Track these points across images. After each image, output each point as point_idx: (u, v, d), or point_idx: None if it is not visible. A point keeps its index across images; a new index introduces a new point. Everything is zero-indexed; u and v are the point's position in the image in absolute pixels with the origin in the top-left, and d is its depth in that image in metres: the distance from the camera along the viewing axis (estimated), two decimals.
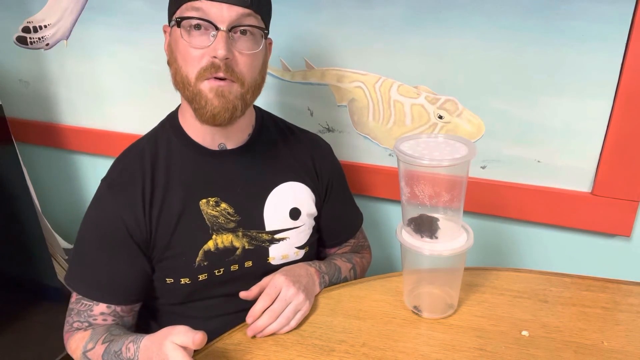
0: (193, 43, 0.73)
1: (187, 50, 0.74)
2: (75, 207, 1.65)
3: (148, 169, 0.82)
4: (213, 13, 0.71)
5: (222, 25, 0.71)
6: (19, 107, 1.57)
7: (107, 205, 0.81)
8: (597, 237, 1.09)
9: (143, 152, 0.85)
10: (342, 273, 0.94)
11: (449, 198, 0.76)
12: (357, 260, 1.00)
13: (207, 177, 0.84)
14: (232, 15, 0.72)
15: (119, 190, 0.81)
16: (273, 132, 0.92)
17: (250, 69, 0.77)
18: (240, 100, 0.77)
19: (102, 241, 0.81)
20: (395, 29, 1.05)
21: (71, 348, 0.81)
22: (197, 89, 0.75)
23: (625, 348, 0.73)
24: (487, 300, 0.85)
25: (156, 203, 0.81)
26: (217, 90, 0.74)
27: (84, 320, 0.81)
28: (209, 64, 0.73)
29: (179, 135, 0.85)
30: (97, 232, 0.82)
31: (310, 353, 0.75)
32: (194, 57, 0.74)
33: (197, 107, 0.77)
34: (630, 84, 0.92)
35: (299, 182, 0.91)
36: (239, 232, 0.85)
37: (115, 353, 0.73)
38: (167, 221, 0.82)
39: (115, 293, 0.82)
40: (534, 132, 1.03)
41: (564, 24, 0.93)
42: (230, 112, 0.76)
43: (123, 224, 0.79)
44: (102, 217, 0.81)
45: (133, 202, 0.80)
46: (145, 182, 0.81)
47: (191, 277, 0.83)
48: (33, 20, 1.41)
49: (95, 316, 0.81)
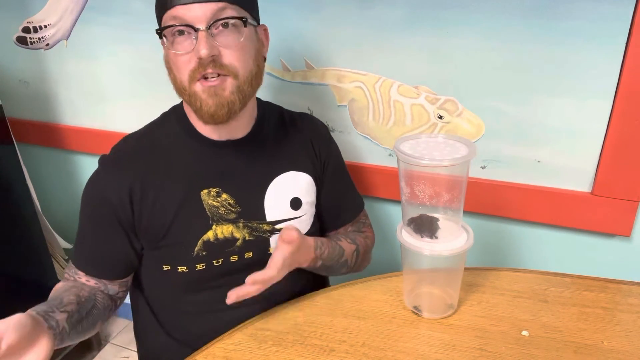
0: (178, 49, 0.75)
1: (175, 58, 0.76)
2: (75, 207, 1.64)
3: (146, 155, 0.84)
4: (188, 16, 0.73)
5: (199, 25, 0.73)
6: (19, 107, 1.57)
7: (96, 182, 0.84)
8: (597, 237, 1.09)
9: (144, 138, 0.87)
10: (343, 256, 0.93)
11: (449, 198, 0.76)
12: (360, 240, 0.99)
13: (209, 168, 0.85)
14: (207, 12, 0.73)
15: (110, 169, 0.84)
16: (275, 122, 0.93)
17: (241, 60, 0.77)
18: (237, 94, 0.77)
19: (90, 217, 0.85)
20: (395, 29, 1.05)
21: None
22: (191, 91, 0.76)
23: (625, 348, 0.73)
24: (487, 300, 0.85)
25: (150, 188, 0.82)
26: (209, 90, 0.76)
27: (71, 276, 0.86)
28: (196, 64, 0.74)
29: (183, 125, 0.86)
30: (86, 209, 0.86)
31: (310, 353, 0.75)
32: (183, 62, 0.75)
33: (196, 110, 0.78)
34: (630, 84, 0.92)
35: (300, 172, 0.91)
36: (239, 223, 0.86)
37: None
38: (166, 209, 0.82)
39: (96, 267, 0.85)
40: (534, 132, 1.03)
41: (564, 24, 0.93)
42: (227, 108, 0.77)
43: (108, 202, 0.82)
44: (90, 195, 0.85)
45: (121, 182, 0.82)
46: (139, 167, 0.83)
47: (189, 265, 0.84)
48: (33, 21, 1.41)
49: (80, 276, 0.85)
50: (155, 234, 0.83)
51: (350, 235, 0.98)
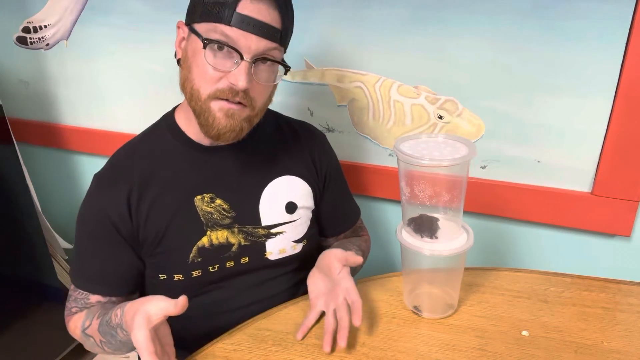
0: (215, 64, 0.72)
1: (206, 69, 0.73)
2: (75, 207, 1.63)
3: (139, 165, 0.83)
4: (242, 43, 0.71)
5: (247, 55, 0.71)
6: (19, 107, 1.57)
7: (94, 200, 0.83)
8: (597, 237, 1.09)
9: (134, 148, 0.85)
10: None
11: (449, 198, 0.76)
12: (364, 245, 1.00)
13: (202, 173, 0.85)
14: (260, 47, 0.72)
15: (105, 185, 0.83)
16: (269, 127, 0.92)
17: (263, 97, 0.78)
18: (247, 122, 0.78)
19: (91, 235, 0.83)
20: (395, 29, 1.05)
21: (71, 329, 0.84)
22: (206, 105, 0.75)
23: (625, 348, 0.73)
24: (487, 300, 0.85)
25: (147, 198, 0.82)
26: (228, 111, 0.75)
27: (82, 306, 0.84)
28: (227, 87, 0.73)
29: (174, 132, 0.85)
30: (86, 227, 0.84)
31: (310, 353, 0.75)
32: (212, 77, 0.73)
33: (203, 123, 0.77)
34: (630, 84, 0.92)
35: (294, 176, 0.91)
36: (234, 228, 0.85)
37: (107, 322, 0.75)
38: (160, 217, 0.82)
39: (108, 285, 0.83)
40: (534, 132, 1.03)
41: (564, 24, 0.93)
42: (237, 133, 0.77)
43: (108, 218, 0.80)
44: (89, 212, 0.83)
45: (118, 197, 0.81)
46: (134, 178, 0.82)
47: (184, 273, 0.83)
48: (33, 20, 1.41)
49: (92, 303, 0.83)
50: (150, 242, 0.82)
51: (354, 242, 0.99)
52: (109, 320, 0.74)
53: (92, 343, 0.79)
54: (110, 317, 0.74)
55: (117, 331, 0.73)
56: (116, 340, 0.74)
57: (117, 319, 0.72)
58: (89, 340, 0.79)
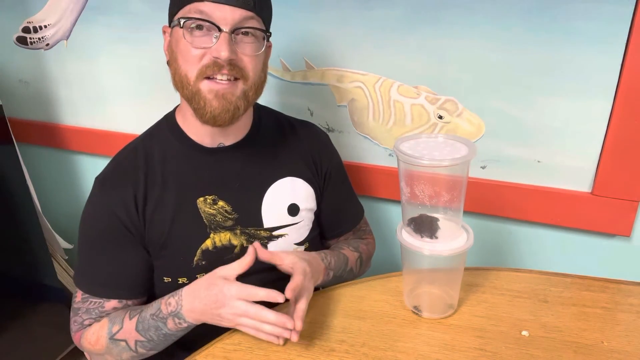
0: (195, 43, 0.74)
1: (188, 50, 0.74)
2: (75, 207, 1.64)
3: (142, 166, 0.83)
4: (216, 15, 0.72)
5: (225, 27, 0.72)
6: (19, 107, 1.57)
7: (100, 202, 0.82)
8: (597, 237, 1.09)
9: (137, 149, 0.85)
10: (348, 264, 0.94)
11: (449, 198, 0.76)
12: (363, 247, 0.99)
13: (204, 175, 0.85)
14: (236, 17, 0.73)
15: (110, 186, 0.82)
16: (271, 127, 0.92)
17: (254, 68, 0.78)
18: (243, 99, 0.77)
19: (101, 238, 0.81)
20: (395, 29, 1.05)
21: (90, 342, 0.80)
22: (196, 87, 0.75)
23: (625, 348, 0.73)
24: (487, 300, 0.85)
25: (151, 200, 0.81)
26: (218, 92, 0.75)
27: (96, 316, 0.81)
28: (211, 62, 0.74)
29: (175, 134, 0.85)
30: (94, 230, 0.82)
31: (310, 353, 0.75)
32: (195, 56, 0.74)
33: (196, 107, 0.77)
34: (630, 84, 0.92)
35: (297, 178, 0.91)
36: (236, 230, 0.85)
37: (153, 315, 0.74)
38: (163, 219, 0.82)
39: (123, 287, 0.82)
40: (534, 132, 1.03)
41: (564, 24, 0.93)
42: (232, 113, 0.77)
43: (117, 218, 0.80)
44: (96, 215, 0.82)
45: (125, 197, 0.80)
46: (138, 178, 0.82)
47: (189, 276, 0.83)
48: (33, 21, 1.41)
49: (108, 311, 0.81)
50: (155, 244, 0.82)
51: (352, 244, 0.99)
52: (156, 313, 0.74)
53: (121, 348, 0.77)
54: (159, 309, 0.74)
55: (168, 321, 0.73)
56: (160, 333, 0.74)
57: (170, 307, 0.73)
58: (118, 346, 0.77)
